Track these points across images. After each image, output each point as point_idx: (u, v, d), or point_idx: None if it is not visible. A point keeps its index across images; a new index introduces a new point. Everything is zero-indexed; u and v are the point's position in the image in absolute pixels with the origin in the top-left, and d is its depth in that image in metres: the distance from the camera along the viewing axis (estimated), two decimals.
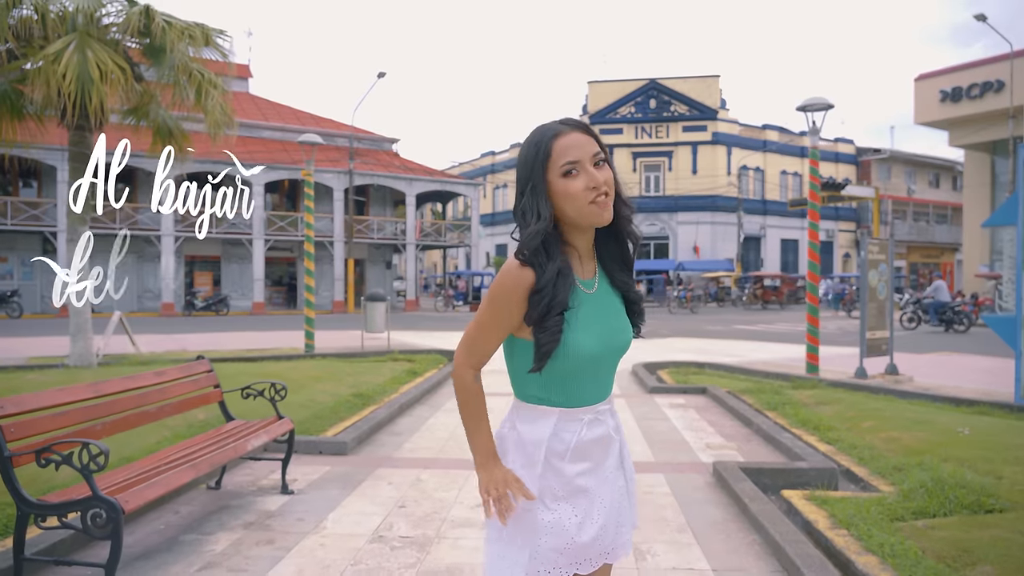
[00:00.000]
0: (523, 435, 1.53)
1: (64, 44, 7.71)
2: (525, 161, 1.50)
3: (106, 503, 2.66)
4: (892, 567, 3.11)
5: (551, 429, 1.51)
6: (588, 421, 1.53)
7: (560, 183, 1.46)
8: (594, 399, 1.55)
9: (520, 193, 1.51)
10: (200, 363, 4.33)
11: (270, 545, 3.46)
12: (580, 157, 1.46)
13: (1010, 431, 5.79)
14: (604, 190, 1.46)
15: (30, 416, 2.93)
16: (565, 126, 1.50)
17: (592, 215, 1.47)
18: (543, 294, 1.44)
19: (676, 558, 3.31)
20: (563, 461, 1.51)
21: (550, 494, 1.51)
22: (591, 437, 1.53)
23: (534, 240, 1.45)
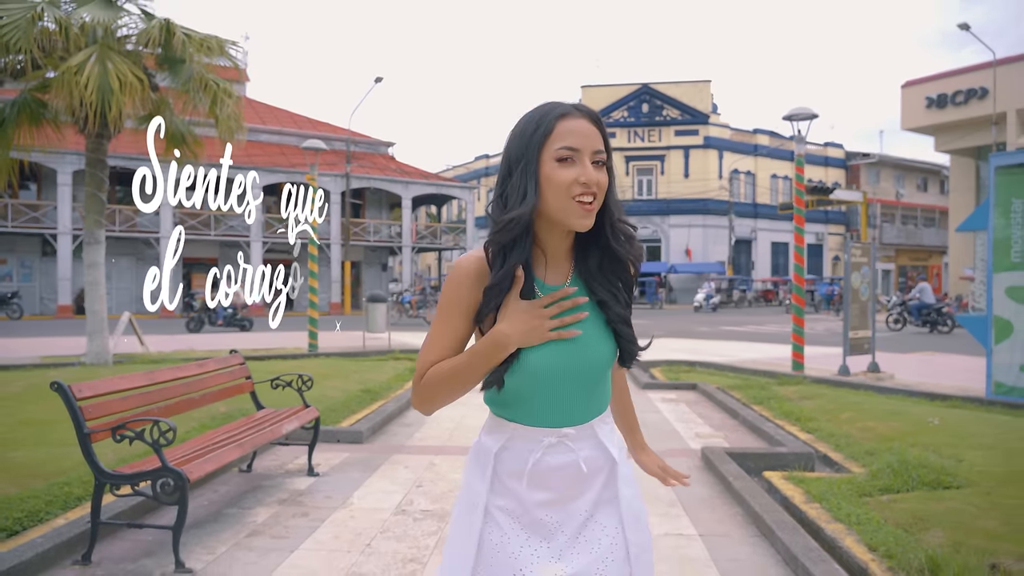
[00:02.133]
0: (482, 442, 1.41)
1: (86, 56, 8.10)
2: (521, 135, 1.31)
3: (174, 473, 3.07)
4: (856, 532, 3.54)
5: (501, 443, 1.36)
6: (549, 445, 1.34)
7: (549, 167, 1.27)
8: (558, 421, 1.35)
9: (507, 172, 1.32)
10: (234, 357, 4.75)
11: (305, 517, 3.88)
12: (581, 146, 1.28)
13: (977, 421, 6.26)
14: (594, 190, 1.28)
15: (101, 399, 3.33)
16: (576, 109, 1.32)
17: (571, 214, 1.27)
18: (495, 290, 1.28)
19: (668, 526, 3.75)
20: (518, 483, 1.35)
21: (502, 512, 1.35)
22: (553, 464, 1.34)
23: (513, 229, 1.26)
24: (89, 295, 9.51)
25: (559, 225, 1.31)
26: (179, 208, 29.24)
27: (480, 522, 1.34)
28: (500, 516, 1.35)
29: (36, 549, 3.09)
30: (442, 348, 1.32)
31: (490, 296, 1.28)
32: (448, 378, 1.30)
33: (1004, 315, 7.62)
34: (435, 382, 1.31)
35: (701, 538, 3.59)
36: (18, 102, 9.38)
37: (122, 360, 10.59)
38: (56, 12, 8.23)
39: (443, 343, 1.32)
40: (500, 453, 1.36)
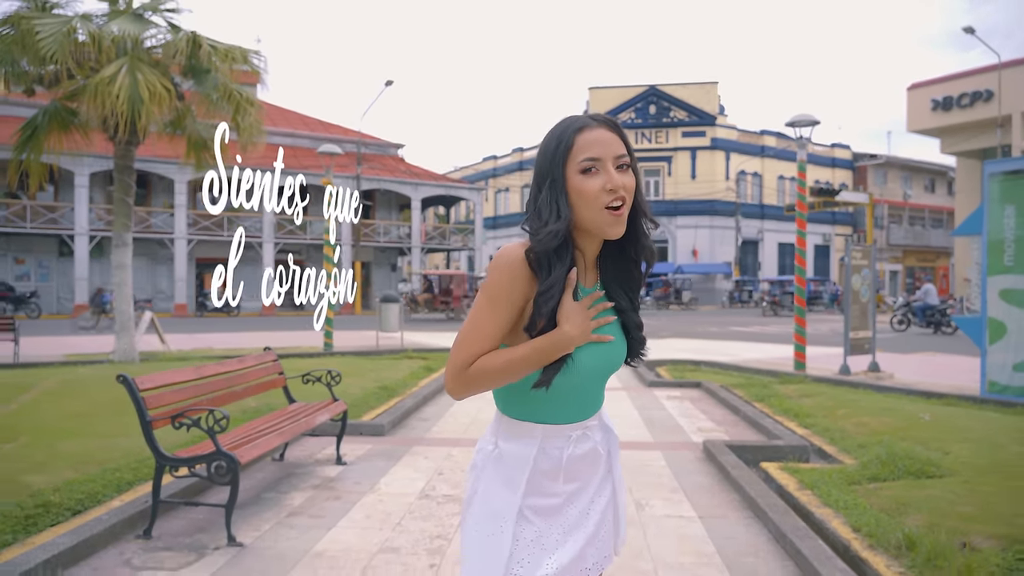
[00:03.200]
0: (504, 453, 1.42)
1: (117, 67, 8.49)
2: (545, 153, 1.38)
3: (227, 457, 3.43)
4: (843, 515, 3.87)
5: (536, 446, 1.40)
6: (576, 437, 1.43)
7: (576, 180, 1.33)
8: (584, 415, 1.45)
9: (537, 188, 1.38)
10: (269, 354, 5.12)
11: (338, 500, 4.24)
12: (602, 155, 1.34)
13: (967, 418, 6.56)
14: (622, 195, 1.33)
15: (158, 391, 3.70)
16: (593, 120, 1.38)
17: (603, 222, 1.34)
18: (548, 295, 1.31)
19: (669, 509, 4.09)
20: (552, 480, 1.42)
21: (532, 510, 1.41)
22: (579, 453, 1.43)
23: (551, 241, 1.31)
24: (117, 295, 9.91)
25: (593, 234, 1.37)
26: (193, 210, 29.75)
27: (511, 527, 1.38)
28: (531, 514, 1.40)
29: (103, 525, 3.45)
30: (488, 337, 1.34)
31: (541, 303, 1.31)
32: (501, 370, 1.33)
33: (998, 316, 7.91)
34: (486, 373, 1.33)
35: (700, 519, 3.92)
36: (49, 110, 9.80)
37: (147, 358, 11.00)
38: (89, 26, 8.63)
39: (490, 332, 1.34)
40: (537, 456, 1.40)
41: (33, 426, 5.58)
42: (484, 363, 1.33)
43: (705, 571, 3.22)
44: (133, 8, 9.43)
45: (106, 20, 9.00)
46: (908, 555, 3.30)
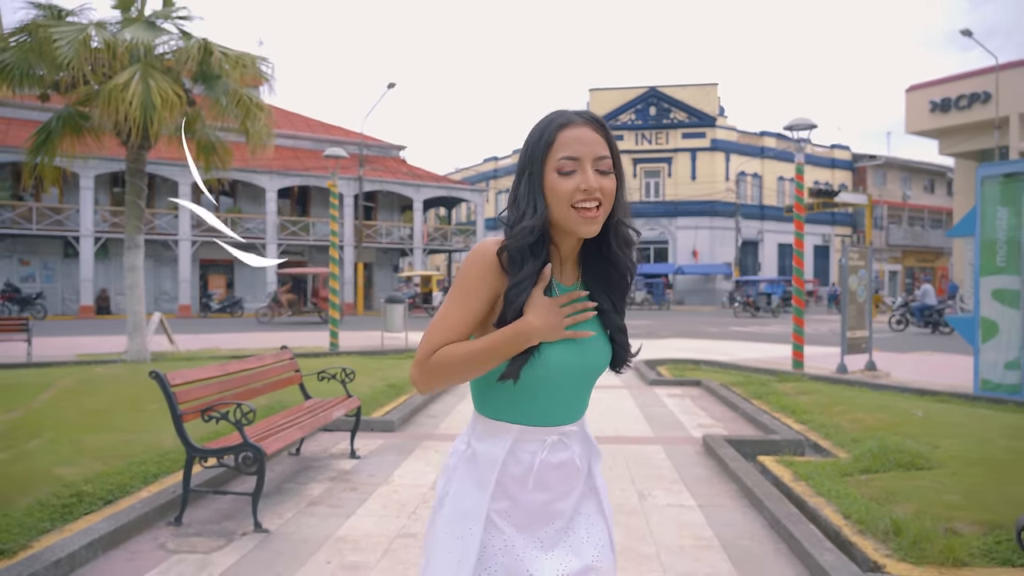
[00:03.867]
0: (477, 452, 1.39)
1: (130, 74, 8.71)
2: (528, 145, 1.36)
3: (254, 448, 3.65)
4: (835, 504, 4.09)
5: (507, 447, 1.36)
6: (551, 443, 1.38)
7: (551, 177, 1.31)
8: (562, 419, 1.40)
9: (518, 179, 1.37)
10: (285, 352, 5.33)
11: (354, 491, 4.45)
12: (581, 155, 1.30)
13: (959, 414, 6.77)
14: (596, 196, 1.30)
15: (186, 387, 3.91)
16: (579, 117, 1.34)
17: (573, 221, 1.31)
18: (518, 289, 1.29)
19: (670, 498, 4.30)
20: (522, 486, 1.37)
21: (501, 516, 1.36)
22: (553, 461, 1.38)
23: (526, 237, 1.30)
24: (129, 296, 10.12)
25: (566, 231, 1.34)
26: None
27: (480, 529, 1.33)
28: (500, 520, 1.36)
29: (137, 512, 3.67)
30: (454, 330, 1.31)
31: (512, 297, 1.29)
32: (464, 361, 1.30)
33: (990, 316, 8.12)
34: (448, 363, 1.30)
35: (699, 508, 4.14)
36: (62, 115, 10.02)
37: (157, 358, 11.21)
38: (104, 33, 8.85)
39: (456, 324, 1.31)
40: (507, 458, 1.36)
41: (56, 422, 5.79)
42: (447, 352, 1.30)
43: (704, 554, 3.43)
44: (145, 16, 9.64)
45: (120, 28, 9.22)
46: (895, 539, 3.51)
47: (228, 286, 32.16)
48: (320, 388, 6.26)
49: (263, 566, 3.25)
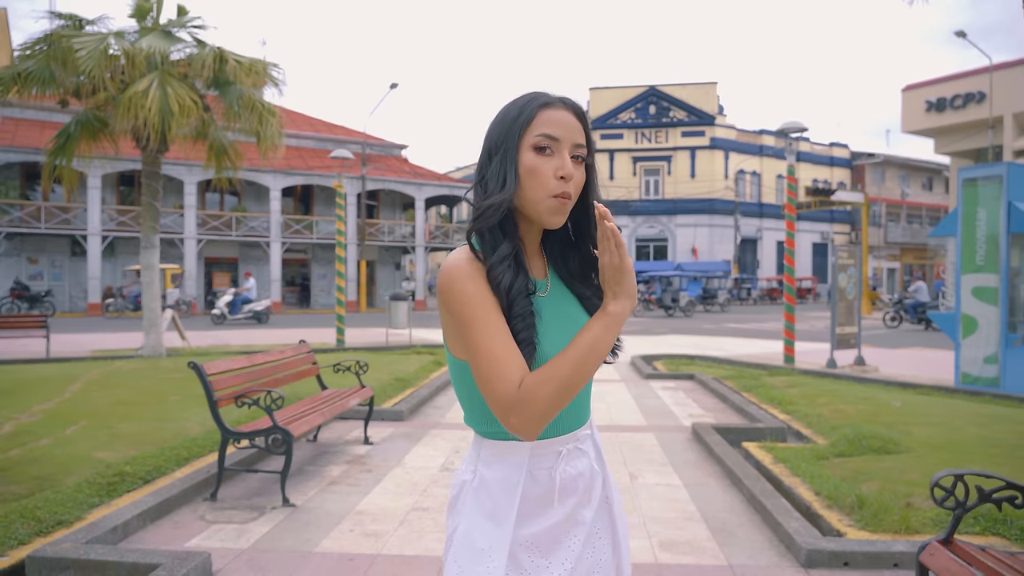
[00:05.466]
0: (488, 481, 1.26)
1: (149, 82, 9.11)
2: (503, 121, 1.27)
3: (283, 431, 4.05)
4: (808, 483, 4.49)
5: (524, 470, 1.24)
6: (567, 453, 1.28)
7: (528, 156, 1.22)
8: (573, 424, 1.29)
9: (488, 157, 1.27)
10: (303, 346, 5.74)
11: (370, 473, 4.86)
12: (561, 136, 1.23)
13: (935, 405, 7.17)
14: (570, 186, 1.23)
15: (219, 376, 4.32)
16: (560, 101, 1.27)
17: (545, 209, 1.22)
18: (500, 269, 1.19)
19: (659, 479, 4.71)
20: (545, 508, 1.25)
21: (527, 549, 1.24)
22: (573, 473, 1.27)
23: (493, 215, 1.21)
24: (145, 294, 10.52)
25: (531, 219, 1.27)
26: (202, 210, 30.39)
27: (502, 567, 1.21)
28: (524, 556, 1.23)
29: (177, 489, 4.08)
30: (512, 354, 1.15)
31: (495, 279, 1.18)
32: (573, 376, 1.13)
33: (970, 313, 8.52)
34: (556, 387, 1.12)
35: (685, 487, 4.54)
36: (81, 119, 10.42)
37: (171, 354, 11.62)
38: (122, 43, 9.25)
39: (510, 346, 1.16)
40: (525, 484, 1.24)
41: (89, 412, 6.20)
42: (544, 377, 1.13)
43: (686, 524, 3.84)
44: (161, 25, 10.03)
45: (137, 37, 9.61)
46: (858, 512, 3.91)
47: (233, 283, 32.58)
48: (333, 380, 6.67)
49: (294, 534, 3.65)
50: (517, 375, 1.13)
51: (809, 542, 3.30)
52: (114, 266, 29.55)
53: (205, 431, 5.62)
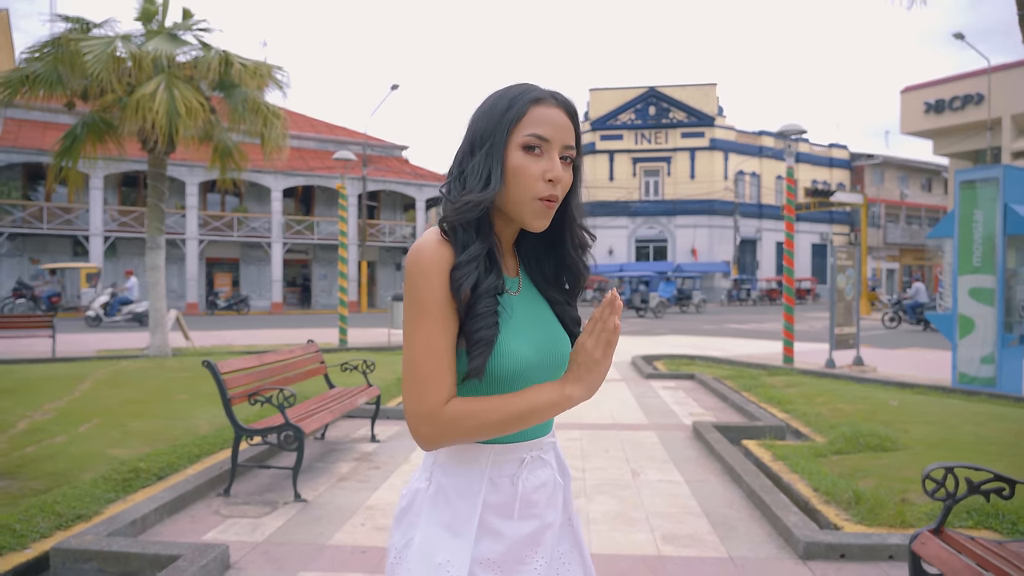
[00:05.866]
0: (446, 488, 1.18)
1: (156, 84, 9.22)
2: (491, 113, 1.19)
3: (294, 428, 4.16)
4: (806, 479, 4.60)
5: (485, 476, 1.17)
6: (530, 461, 1.21)
7: (516, 155, 1.16)
8: (537, 430, 1.23)
9: (469, 151, 1.20)
10: (312, 346, 5.85)
11: (377, 470, 4.96)
12: (552, 137, 1.17)
13: (932, 404, 7.28)
14: (558, 189, 1.18)
15: (232, 375, 4.42)
16: (553, 97, 1.19)
17: (529, 211, 1.17)
18: (465, 270, 1.12)
19: (660, 475, 4.82)
20: (506, 520, 1.18)
21: (488, 567, 1.17)
22: (535, 483, 1.21)
23: (471, 211, 1.14)
24: (151, 294, 10.63)
25: (510, 219, 1.21)
26: (204, 211, 30.50)
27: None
28: (484, 572, 1.16)
29: (192, 484, 4.18)
30: (446, 361, 1.11)
31: (457, 280, 1.11)
32: (498, 426, 1.11)
33: (967, 313, 8.63)
34: (474, 425, 1.10)
35: (687, 483, 4.65)
36: (87, 121, 10.53)
37: (176, 353, 11.72)
38: (129, 46, 9.36)
39: (446, 353, 1.11)
40: (486, 492, 1.17)
41: (101, 410, 6.31)
42: (470, 412, 1.10)
43: (687, 518, 3.95)
44: (167, 28, 10.14)
45: (143, 40, 9.72)
46: (855, 507, 4.02)
47: (234, 284, 32.69)
48: (340, 379, 6.78)
49: (307, 527, 3.76)
50: (445, 392, 1.11)
51: (807, 535, 3.41)
52: (116, 266, 29.64)
53: (215, 429, 5.73)
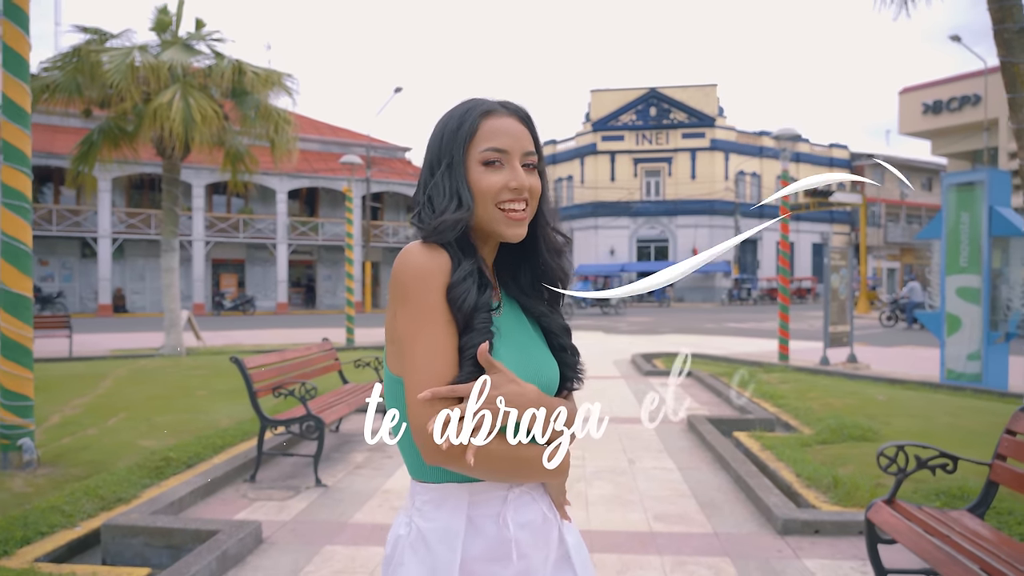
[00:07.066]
0: (424, 532, 1.11)
1: (172, 93, 9.58)
2: (443, 133, 1.18)
3: (315, 419, 4.51)
4: (791, 467, 4.93)
5: (464, 517, 1.10)
6: (515, 499, 1.14)
7: (476, 172, 1.15)
8: None
9: (429, 173, 1.18)
10: (326, 343, 6.20)
11: (391, 459, 5.31)
12: (509, 147, 1.15)
13: (918, 399, 7.62)
14: (525, 197, 1.16)
15: (256, 370, 4.77)
16: (503, 107, 1.19)
17: (500, 223, 1.15)
18: (463, 287, 1.09)
19: (655, 463, 5.16)
20: (491, 566, 1.11)
21: None
22: (521, 521, 1.13)
23: (449, 231, 1.11)
24: (165, 295, 10.99)
25: (487, 236, 1.19)
26: (210, 212, 30.88)
27: None
28: None
29: (221, 471, 4.53)
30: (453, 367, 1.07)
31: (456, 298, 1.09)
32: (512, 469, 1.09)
33: (955, 312, 8.95)
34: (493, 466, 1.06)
35: (679, 470, 4.99)
36: (103, 128, 10.90)
37: (189, 353, 12.08)
38: (146, 56, 9.73)
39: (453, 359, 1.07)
40: (467, 531, 1.11)
41: (126, 405, 6.66)
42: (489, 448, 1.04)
43: (678, 500, 4.29)
44: (181, 39, 10.51)
45: (159, 50, 10.09)
46: (833, 490, 4.36)
47: (239, 285, 33.08)
48: (352, 375, 7.12)
49: (329, 509, 4.11)
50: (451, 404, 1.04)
51: (785, 513, 3.74)
52: (123, 268, 30.06)
53: (235, 422, 6.07)
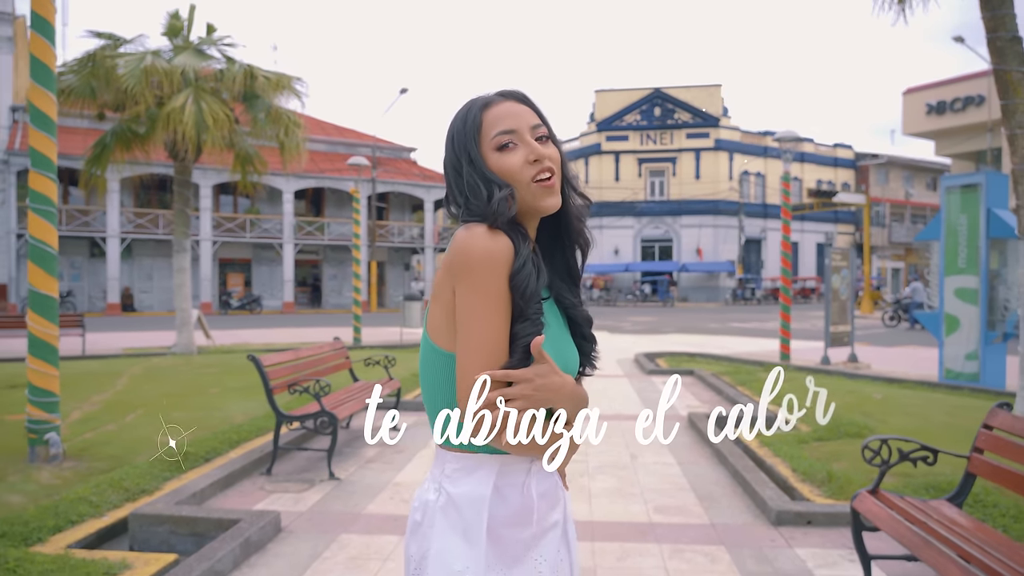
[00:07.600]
0: (455, 497, 1.17)
1: (184, 97, 9.79)
2: (453, 136, 1.24)
3: (329, 414, 4.69)
4: (788, 462, 5.10)
5: (491, 485, 1.17)
6: (537, 470, 1.21)
7: (494, 158, 1.19)
8: None
9: (455, 172, 1.23)
10: (338, 343, 6.39)
11: (401, 454, 5.49)
12: (516, 127, 1.20)
13: (915, 398, 7.77)
14: (548, 165, 1.20)
15: (272, 368, 4.96)
16: (499, 96, 1.25)
17: (538, 195, 1.19)
18: (525, 272, 1.13)
19: (657, 459, 5.33)
20: (522, 530, 1.19)
21: (502, 567, 1.18)
22: (540, 491, 1.21)
23: (507, 208, 1.15)
24: (177, 295, 11.21)
25: (525, 216, 1.22)
26: (217, 212, 31.14)
27: None
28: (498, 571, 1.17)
29: (238, 465, 4.72)
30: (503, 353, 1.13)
31: (520, 284, 1.13)
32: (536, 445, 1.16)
33: (953, 312, 9.10)
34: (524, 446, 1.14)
35: (679, 465, 5.17)
36: (116, 130, 11.11)
37: (200, 351, 12.29)
38: (160, 61, 9.94)
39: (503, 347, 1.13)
40: (493, 498, 1.17)
41: (142, 402, 6.87)
42: None
43: (677, 493, 4.46)
44: (192, 43, 10.72)
45: (172, 55, 10.30)
46: (827, 485, 4.53)
47: (246, 284, 33.34)
48: (362, 373, 7.31)
49: (343, 500, 4.29)
50: None
51: (779, 504, 3.92)
52: (132, 267, 30.34)
53: (249, 419, 6.27)
